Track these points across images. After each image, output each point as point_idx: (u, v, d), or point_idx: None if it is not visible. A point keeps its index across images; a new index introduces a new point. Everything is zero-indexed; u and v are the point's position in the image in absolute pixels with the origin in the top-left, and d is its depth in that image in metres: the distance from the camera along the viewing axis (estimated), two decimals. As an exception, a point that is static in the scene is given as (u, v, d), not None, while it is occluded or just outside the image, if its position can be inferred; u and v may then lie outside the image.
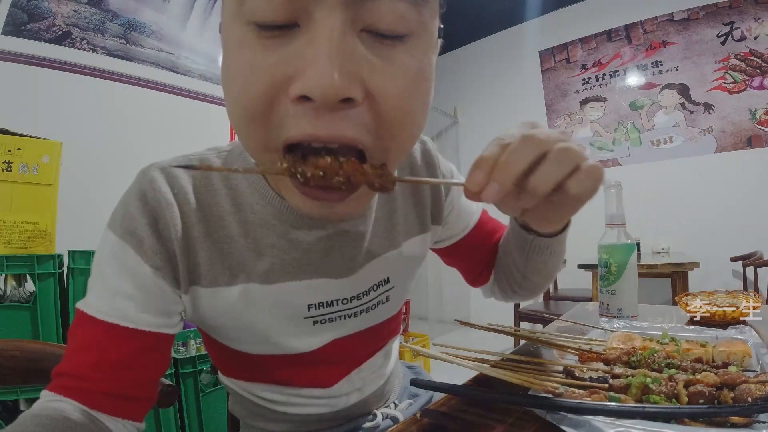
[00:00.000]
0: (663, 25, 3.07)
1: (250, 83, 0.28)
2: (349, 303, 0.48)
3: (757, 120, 2.74)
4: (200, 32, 2.29)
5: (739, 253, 2.54)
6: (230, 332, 0.46)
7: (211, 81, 2.32)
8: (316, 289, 0.45)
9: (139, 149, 2.00)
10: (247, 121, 0.29)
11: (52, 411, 0.35)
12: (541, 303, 2.81)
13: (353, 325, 0.50)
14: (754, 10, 2.75)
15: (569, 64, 3.49)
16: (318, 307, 0.46)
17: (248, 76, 0.28)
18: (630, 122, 3.21)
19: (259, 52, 0.28)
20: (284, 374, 0.50)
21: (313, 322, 0.47)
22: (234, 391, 0.56)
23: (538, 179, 0.31)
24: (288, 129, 0.28)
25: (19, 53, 1.69)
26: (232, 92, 0.29)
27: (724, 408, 0.34)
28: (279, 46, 0.27)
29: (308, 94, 0.26)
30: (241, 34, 0.28)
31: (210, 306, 0.43)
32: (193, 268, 0.41)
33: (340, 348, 0.50)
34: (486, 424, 0.39)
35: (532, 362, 0.51)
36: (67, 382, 0.37)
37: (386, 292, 0.52)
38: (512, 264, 0.57)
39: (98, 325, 0.38)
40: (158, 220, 0.39)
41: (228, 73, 0.30)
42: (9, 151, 1.24)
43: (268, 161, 0.31)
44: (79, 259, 1.28)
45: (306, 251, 0.44)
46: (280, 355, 0.48)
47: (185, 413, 1.42)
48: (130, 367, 0.39)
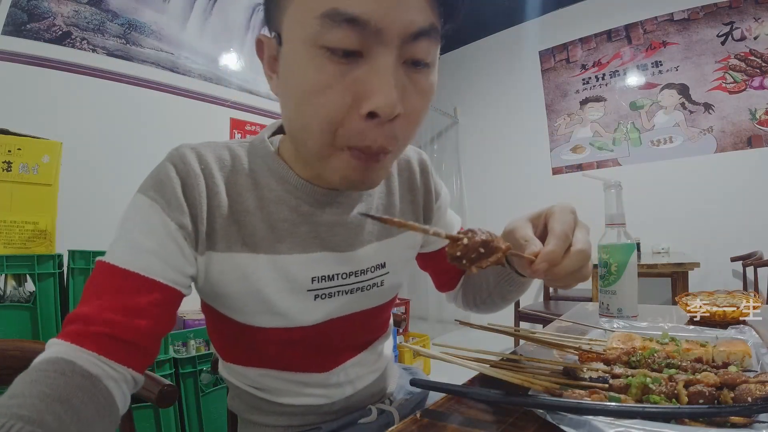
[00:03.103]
0: (663, 25, 3.07)
1: (329, 99, 0.36)
2: (348, 278, 0.52)
3: (757, 120, 2.74)
4: (200, 32, 2.29)
5: (739, 253, 2.54)
6: (237, 301, 0.48)
7: (211, 81, 2.32)
8: (320, 262, 0.50)
9: (139, 149, 2.00)
10: (322, 127, 0.37)
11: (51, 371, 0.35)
12: (541, 303, 2.81)
13: (350, 303, 0.54)
14: (754, 10, 2.75)
15: (569, 64, 3.49)
16: (321, 281, 0.50)
17: (327, 93, 0.36)
18: (630, 122, 3.21)
19: (334, 75, 0.36)
20: (283, 353, 0.53)
21: (315, 296, 0.50)
22: (233, 384, 0.58)
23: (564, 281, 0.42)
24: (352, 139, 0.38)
25: (19, 53, 1.69)
26: (310, 102, 0.37)
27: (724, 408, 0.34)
28: (348, 71, 0.36)
29: (377, 112, 0.36)
30: (316, 57, 0.36)
31: (222, 272, 0.46)
32: (211, 233, 0.45)
33: (336, 328, 0.54)
34: (486, 424, 0.39)
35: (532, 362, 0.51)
36: (77, 327, 0.38)
37: (382, 276, 0.56)
38: (483, 283, 0.65)
39: (119, 274, 0.40)
40: (186, 186, 0.44)
41: (300, 87, 0.37)
42: (9, 151, 1.24)
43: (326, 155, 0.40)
44: (79, 259, 1.28)
45: (315, 225, 0.49)
46: (281, 329, 0.50)
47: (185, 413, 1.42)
48: (145, 317, 0.40)
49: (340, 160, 0.40)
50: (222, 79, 2.38)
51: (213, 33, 2.35)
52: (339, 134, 0.38)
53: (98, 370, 0.37)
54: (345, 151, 0.39)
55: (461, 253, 0.36)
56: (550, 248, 0.40)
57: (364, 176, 0.41)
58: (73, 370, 0.35)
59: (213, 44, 2.35)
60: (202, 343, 1.58)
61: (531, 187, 3.59)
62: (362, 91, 0.36)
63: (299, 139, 0.42)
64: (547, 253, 0.40)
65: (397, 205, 0.58)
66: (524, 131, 3.66)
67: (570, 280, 0.43)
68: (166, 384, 0.56)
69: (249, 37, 2.54)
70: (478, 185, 3.96)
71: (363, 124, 0.37)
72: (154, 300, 0.41)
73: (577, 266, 0.41)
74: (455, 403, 0.44)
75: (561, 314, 0.88)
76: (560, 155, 3.52)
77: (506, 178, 3.74)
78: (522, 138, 3.67)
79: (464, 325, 0.68)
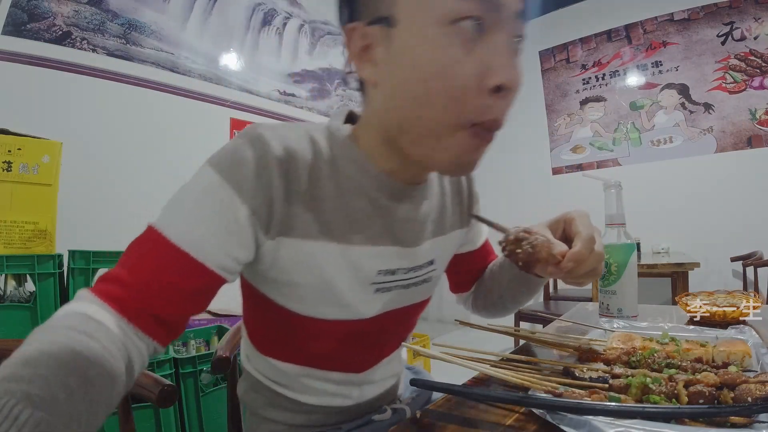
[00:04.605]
0: (663, 25, 3.07)
1: (458, 74, 0.37)
2: (407, 274, 0.52)
3: (757, 120, 2.74)
4: (200, 32, 2.29)
5: (739, 253, 2.54)
6: (301, 289, 0.47)
7: (211, 81, 2.32)
8: (387, 256, 0.50)
9: (139, 149, 2.01)
10: (449, 103, 0.38)
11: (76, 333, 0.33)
12: (541, 303, 2.81)
13: (401, 298, 0.54)
14: (754, 10, 2.75)
15: (569, 64, 3.49)
16: (385, 274, 0.50)
17: (456, 68, 0.37)
18: (630, 122, 3.21)
19: (462, 51, 0.37)
20: (331, 349, 0.52)
21: (376, 289, 0.50)
22: (253, 377, 0.57)
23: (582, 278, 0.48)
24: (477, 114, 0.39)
25: (19, 53, 1.69)
26: (437, 78, 0.38)
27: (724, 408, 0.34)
28: (473, 47, 0.37)
29: (506, 85, 0.37)
30: (444, 35, 0.37)
31: (292, 258, 0.45)
32: (286, 219, 0.44)
33: (387, 322, 0.54)
34: (486, 424, 0.39)
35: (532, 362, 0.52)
36: (120, 291, 0.38)
37: (430, 272, 0.56)
38: (495, 285, 0.67)
39: (170, 250, 0.39)
40: (263, 168, 0.42)
41: (426, 64, 0.38)
42: (9, 151, 1.24)
43: (446, 134, 0.40)
44: (79, 259, 1.28)
45: (389, 219, 0.49)
46: (340, 321, 0.50)
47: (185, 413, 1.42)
48: (184, 299, 0.40)
49: (458, 138, 0.40)
50: (222, 79, 2.38)
51: (213, 33, 2.35)
52: (464, 110, 0.38)
53: (124, 338, 0.36)
54: (465, 130, 0.39)
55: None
56: (578, 249, 0.46)
57: (474, 157, 0.42)
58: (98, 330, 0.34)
59: (213, 44, 2.35)
60: (202, 343, 1.58)
61: (531, 187, 3.59)
62: (488, 65, 0.37)
63: (418, 118, 0.40)
64: (575, 253, 0.45)
65: (448, 206, 0.59)
66: (524, 131, 3.66)
67: (587, 278, 0.49)
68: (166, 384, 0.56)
69: (249, 37, 2.54)
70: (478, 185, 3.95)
71: (488, 98, 0.38)
72: (198, 285, 0.41)
73: (595, 265, 0.47)
74: (455, 403, 0.44)
75: (561, 314, 0.88)
76: (560, 155, 3.52)
77: (506, 178, 3.74)
78: (522, 138, 3.67)
79: (464, 325, 0.68)
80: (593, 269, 0.48)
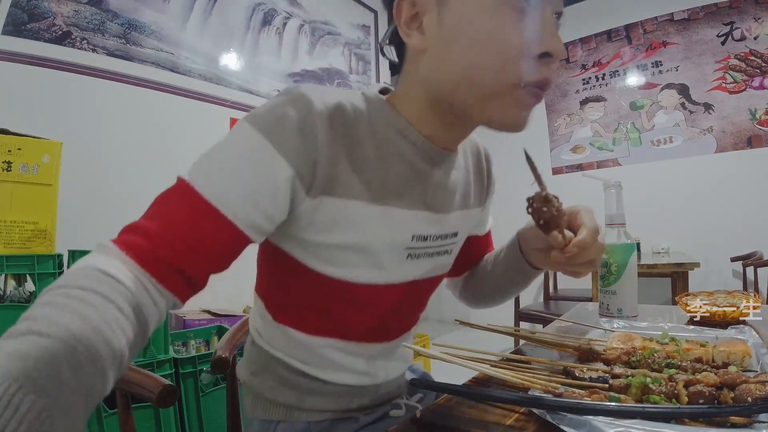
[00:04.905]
0: (663, 25, 3.07)
1: (510, 39, 0.41)
2: (436, 241, 0.54)
3: (757, 120, 2.74)
4: (200, 32, 2.29)
5: (739, 253, 2.54)
6: (335, 250, 0.48)
7: (211, 81, 2.32)
8: (421, 220, 0.51)
9: (139, 149, 2.00)
10: (503, 65, 0.41)
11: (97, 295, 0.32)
12: (541, 303, 2.81)
13: (427, 266, 0.55)
14: (754, 10, 2.75)
15: (569, 64, 3.49)
16: (418, 240, 0.51)
17: (508, 35, 0.41)
18: (630, 122, 3.21)
19: (513, 21, 0.41)
20: (354, 315, 0.52)
21: (408, 255, 0.51)
22: (267, 356, 0.55)
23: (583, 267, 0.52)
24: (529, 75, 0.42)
25: (19, 53, 1.69)
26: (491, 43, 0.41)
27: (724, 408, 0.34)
28: (522, 18, 0.41)
29: (551, 52, 0.42)
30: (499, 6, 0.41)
31: (332, 217, 0.46)
32: (329, 178, 0.44)
33: (414, 291, 0.55)
34: (486, 424, 0.39)
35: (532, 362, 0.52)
36: (143, 242, 0.37)
37: (452, 244, 0.57)
38: (490, 275, 0.68)
39: (202, 205, 0.39)
40: (306, 125, 0.42)
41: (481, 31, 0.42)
42: (9, 151, 1.24)
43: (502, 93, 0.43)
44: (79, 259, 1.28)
45: (425, 183, 0.51)
46: (373, 285, 0.50)
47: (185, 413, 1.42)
48: (209, 253, 0.40)
49: (514, 97, 0.43)
50: (222, 79, 2.37)
51: (213, 33, 2.35)
52: (516, 71, 0.42)
53: (141, 294, 0.35)
54: (520, 89, 0.42)
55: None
56: (584, 236, 0.49)
57: (526, 114, 0.45)
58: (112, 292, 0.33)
59: (213, 44, 2.35)
60: (202, 343, 1.58)
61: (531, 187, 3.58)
62: (536, 34, 0.41)
63: (474, 80, 0.43)
64: (580, 240, 0.49)
65: (471, 183, 0.61)
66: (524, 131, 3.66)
67: (586, 268, 0.52)
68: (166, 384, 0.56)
69: (249, 37, 2.54)
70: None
71: (535, 62, 0.42)
72: (227, 243, 0.40)
73: (596, 256, 0.51)
74: (455, 403, 0.44)
75: (561, 314, 0.88)
76: (560, 155, 3.52)
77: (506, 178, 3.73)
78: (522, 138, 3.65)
79: (464, 325, 0.68)
80: (593, 260, 0.51)
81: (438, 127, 0.49)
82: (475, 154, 0.63)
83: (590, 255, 0.50)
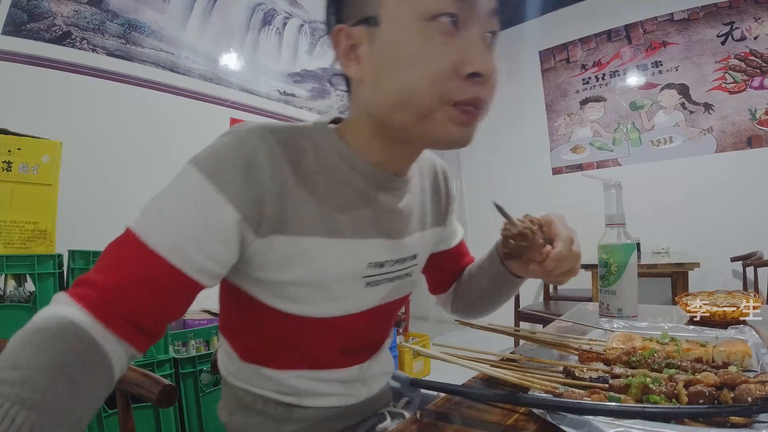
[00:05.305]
0: (663, 25, 3.07)
1: (437, 62, 0.41)
2: (393, 266, 0.54)
3: (757, 120, 2.74)
4: (200, 32, 2.29)
5: (739, 253, 2.54)
6: (291, 287, 0.47)
7: (211, 81, 2.32)
8: (376, 248, 0.51)
9: (139, 149, 2.01)
10: (430, 86, 0.41)
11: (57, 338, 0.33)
12: (541, 303, 2.81)
13: (388, 291, 0.55)
14: (754, 10, 2.75)
15: (569, 64, 3.49)
16: (375, 266, 0.51)
17: (434, 58, 0.41)
18: (630, 122, 3.21)
19: (440, 43, 0.41)
20: (325, 347, 0.52)
21: (366, 283, 0.51)
22: (242, 391, 0.54)
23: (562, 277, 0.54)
24: (457, 94, 0.42)
25: (19, 53, 1.69)
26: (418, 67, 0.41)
27: (724, 408, 0.34)
28: (450, 40, 0.41)
29: (480, 72, 0.41)
30: (425, 29, 0.41)
31: (285, 255, 0.45)
32: (278, 216, 0.44)
33: (377, 317, 0.55)
34: (486, 424, 0.39)
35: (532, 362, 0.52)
36: (95, 295, 0.37)
37: (412, 266, 0.58)
38: (475, 286, 0.68)
39: (146, 253, 0.38)
40: (250, 166, 0.42)
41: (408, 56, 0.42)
42: (9, 151, 1.24)
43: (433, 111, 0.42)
44: (78, 259, 1.28)
45: (377, 210, 0.51)
46: (334, 318, 0.50)
47: (185, 413, 1.42)
48: (161, 303, 0.40)
49: (446, 115, 0.43)
50: (222, 79, 2.38)
51: (213, 33, 2.35)
52: (444, 91, 0.42)
53: (104, 341, 0.36)
54: (451, 108, 0.42)
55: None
56: (559, 250, 0.50)
57: (465, 132, 0.44)
58: (79, 338, 0.34)
59: (213, 44, 2.35)
60: (202, 343, 1.58)
61: (531, 187, 3.59)
62: (464, 55, 0.41)
63: (406, 103, 0.43)
64: (557, 253, 0.50)
65: (428, 203, 0.61)
66: (524, 131, 3.66)
67: (565, 277, 0.54)
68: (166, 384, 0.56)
69: (249, 37, 2.54)
70: (478, 185, 3.96)
71: (465, 82, 0.42)
72: (178, 292, 0.40)
73: (573, 265, 0.52)
74: (455, 403, 0.44)
75: (561, 314, 0.88)
76: (560, 155, 3.52)
77: (506, 178, 3.74)
78: (522, 138, 3.67)
79: (464, 325, 0.68)
80: (571, 269, 0.53)
81: (386, 153, 0.49)
82: (431, 174, 0.63)
83: (568, 265, 0.52)
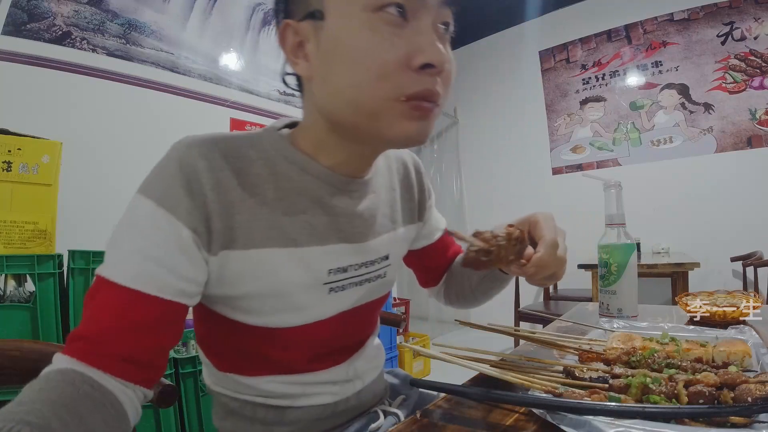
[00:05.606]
0: (663, 25, 3.07)
1: (385, 55, 0.39)
2: (359, 270, 0.52)
3: (757, 120, 2.74)
4: (200, 32, 2.29)
5: (739, 253, 2.54)
6: (253, 300, 0.46)
7: (211, 81, 2.32)
8: (336, 254, 0.49)
9: (139, 149, 2.00)
10: (378, 81, 0.40)
11: (60, 381, 0.35)
12: (541, 303, 2.81)
13: (358, 295, 0.54)
14: (754, 10, 2.75)
15: (569, 64, 3.49)
16: (336, 273, 0.50)
17: (383, 50, 0.39)
18: (630, 122, 3.21)
19: (388, 35, 0.39)
20: (294, 354, 0.52)
21: (329, 289, 0.50)
22: (227, 400, 0.55)
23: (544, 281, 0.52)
24: (409, 87, 0.40)
25: (19, 53, 1.69)
26: (365, 61, 0.40)
27: (724, 408, 0.34)
28: (398, 31, 0.40)
29: (432, 62, 0.40)
30: (371, 21, 0.39)
31: (239, 270, 0.44)
32: (227, 231, 0.43)
33: (347, 321, 0.53)
34: (486, 424, 0.39)
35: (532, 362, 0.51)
36: (83, 345, 0.37)
37: (385, 267, 0.57)
38: (466, 280, 0.68)
39: (119, 291, 0.38)
40: (193, 184, 0.41)
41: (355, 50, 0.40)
42: (9, 151, 1.24)
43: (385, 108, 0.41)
44: (78, 259, 1.28)
45: (334, 215, 0.49)
46: (298, 327, 0.49)
47: (185, 413, 1.42)
48: (148, 333, 0.39)
49: (398, 111, 0.41)
50: (222, 79, 2.38)
51: (213, 33, 2.35)
52: (394, 85, 0.40)
53: (105, 382, 0.37)
54: (402, 103, 0.41)
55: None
56: (541, 255, 0.48)
57: (421, 128, 0.43)
58: (82, 380, 0.35)
59: (213, 44, 2.35)
60: (202, 343, 1.58)
61: (531, 187, 3.59)
62: (414, 46, 0.40)
63: (354, 101, 0.41)
64: (538, 258, 0.48)
65: (398, 201, 0.60)
66: (524, 131, 3.66)
67: (548, 282, 0.52)
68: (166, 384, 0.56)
69: (249, 37, 2.54)
70: (478, 185, 3.96)
71: (416, 74, 0.40)
72: (161, 317, 0.40)
73: (556, 270, 0.50)
74: (455, 403, 0.44)
75: (561, 314, 0.88)
76: (560, 155, 3.52)
77: (506, 178, 3.74)
78: (522, 138, 3.67)
79: (464, 325, 0.68)
80: (554, 273, 0.50)
81: (342, 154, 0.47)
82: (401, 170, 0.62)
83: (550, 270, 0.49)
